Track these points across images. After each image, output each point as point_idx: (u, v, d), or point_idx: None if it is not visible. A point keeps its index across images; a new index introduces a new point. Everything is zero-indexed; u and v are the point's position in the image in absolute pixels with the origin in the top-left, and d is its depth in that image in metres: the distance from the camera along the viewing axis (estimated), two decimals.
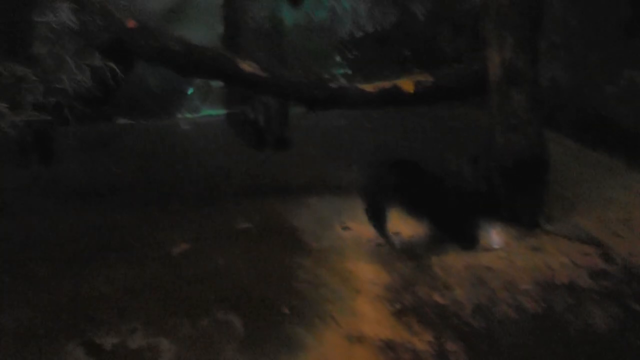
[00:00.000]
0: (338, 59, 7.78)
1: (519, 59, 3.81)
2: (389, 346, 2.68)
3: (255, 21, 5.67)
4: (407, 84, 4.53)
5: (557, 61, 5.45)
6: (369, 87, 4.53)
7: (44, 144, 5.15)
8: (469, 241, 3.65)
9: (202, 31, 6.86)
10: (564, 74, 5.49)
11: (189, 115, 7.65)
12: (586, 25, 5.37)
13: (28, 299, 3.02)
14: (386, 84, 4.56)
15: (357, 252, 3.63)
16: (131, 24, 4.26)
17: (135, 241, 3.71)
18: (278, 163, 5.29)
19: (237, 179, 4.92)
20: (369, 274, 3.35)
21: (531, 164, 3.86)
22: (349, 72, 7.65)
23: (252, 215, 4.09)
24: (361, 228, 3.96)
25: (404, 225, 4.00)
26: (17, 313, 2.87)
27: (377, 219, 3.64)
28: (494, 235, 3.81)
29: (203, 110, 7.72)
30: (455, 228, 3.72)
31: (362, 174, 4.01)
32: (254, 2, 5.67)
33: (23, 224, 4.05)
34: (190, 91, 7.89)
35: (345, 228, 3.98)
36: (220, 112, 7.30)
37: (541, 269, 3.38)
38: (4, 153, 5.11)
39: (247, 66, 4.30)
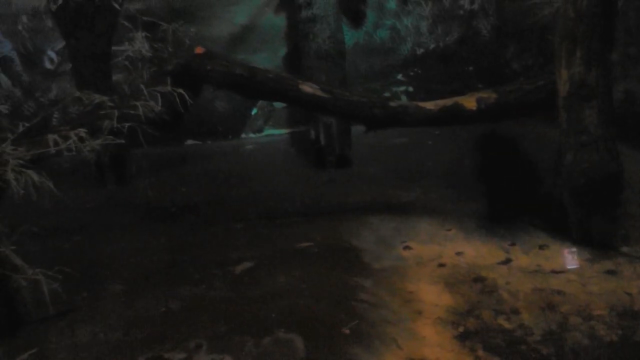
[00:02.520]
0: (400, 76, 7.75)
1: (589, 73, 3.65)
2: None
3: (317, 43, 5.78)
4: (469, 101, 4.45)
5: (631, 74, 5.19)
6: (430, 105, 4.48)
7: (119, 166, 5.49)
8: None
9: (266, 54, 7.11)
10: (639, 87, 5.22)
11: (252, 135, 7.86)
12: None
13: (103, 314, 3.19)
14: (447, 102, 4.49)
15: (418, 272, 3.58)
16: (199, 50, 4.46)
17: (202, 260, 3.84)
18: (339, 182, 5.32)
19: (299, 198, 4.99)
20: (430, 296, 3.29)
21: (604, 182, 3.68)
22: (411, 89, 7.60)
23: (313, 235, 4.13)
24: (423, 248, 3.90)
25: (468, 246, 3.93)
26: (92, 327, 3.04)
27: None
28: (566, 257, 3.65)
29: (266, 130, 7.90)
30: None
31: None
32: (315, 24, 5.79)
33: (98, 242, 4.30)
34: (254, 111, 8.11)
35: (407, 248, 3.93)
36: (283, 132, 7.47)
37: (617, 293, 3.19)
38: (83, 175, 5.48)
39: (307, 87, 4.38)
